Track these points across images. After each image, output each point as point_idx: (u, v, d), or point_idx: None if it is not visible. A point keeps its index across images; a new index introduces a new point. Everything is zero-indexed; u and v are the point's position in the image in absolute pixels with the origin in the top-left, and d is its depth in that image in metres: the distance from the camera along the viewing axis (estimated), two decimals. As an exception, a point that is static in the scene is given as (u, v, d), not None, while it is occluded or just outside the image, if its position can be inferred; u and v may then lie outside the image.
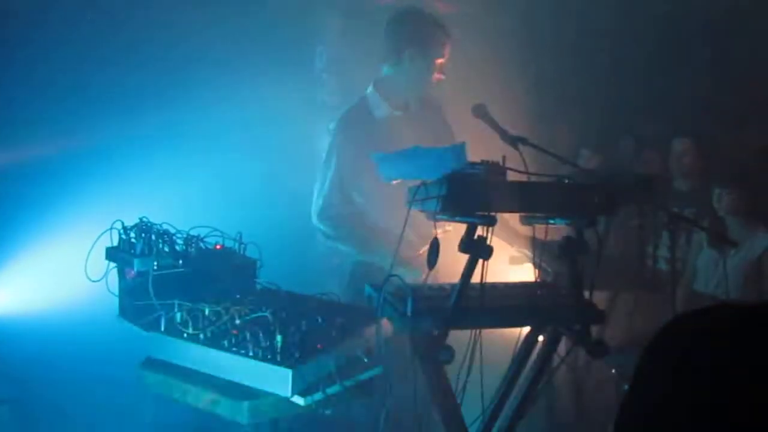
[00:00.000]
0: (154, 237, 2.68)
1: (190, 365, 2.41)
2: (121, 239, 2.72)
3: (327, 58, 5.34)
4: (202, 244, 2.76)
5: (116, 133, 4.33)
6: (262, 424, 2.41)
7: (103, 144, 4.32)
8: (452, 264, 2.21)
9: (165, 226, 2.74)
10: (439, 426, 2.33)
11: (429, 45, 3.25)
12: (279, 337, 2.29)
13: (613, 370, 3.65)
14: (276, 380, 2.21)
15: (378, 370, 2.45)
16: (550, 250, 2.42)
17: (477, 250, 2.14)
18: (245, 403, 2.24)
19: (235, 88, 4.55)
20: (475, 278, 2.18)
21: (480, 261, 2.15)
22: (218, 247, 2.80)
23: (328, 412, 2.48)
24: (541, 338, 2.56)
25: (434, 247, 2.18)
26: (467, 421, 2.38)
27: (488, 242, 2.14)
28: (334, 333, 2.47)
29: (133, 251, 2.62)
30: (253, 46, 4.72)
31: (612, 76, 5.59)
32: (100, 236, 2.73)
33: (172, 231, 2.74)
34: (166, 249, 2.66)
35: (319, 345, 2.35)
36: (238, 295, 2.72)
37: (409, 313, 2.18)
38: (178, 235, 2.74)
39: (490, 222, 2.13)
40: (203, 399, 2.34)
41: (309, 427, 2.78)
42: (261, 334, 2.33)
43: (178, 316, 2.48)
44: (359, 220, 3.33)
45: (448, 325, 2.19)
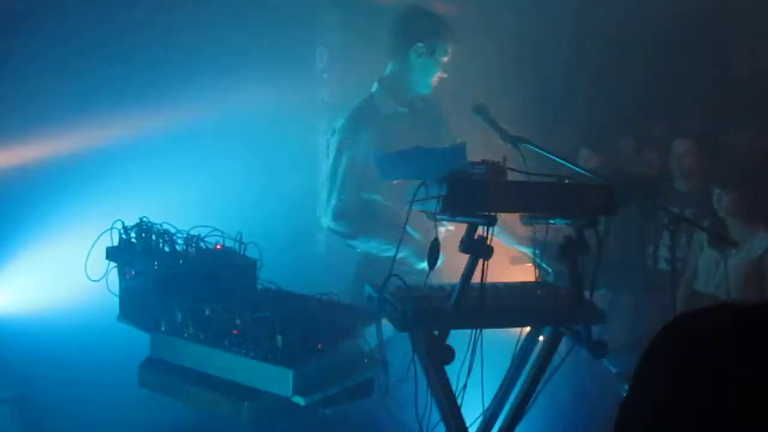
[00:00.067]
0: (154, 237, 2.68)
1: (190, 365, 2.41)
2: (121, 239, 2.72)
3: (327, 58, 5.34)
4: (202, 244, 2.76)
5: (117, 133, 4.32)
6: (262, 424, 2.41)
7: (104, 144, 4.31)
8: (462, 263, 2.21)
9: (165, 226, 2.74)
10: (440, 425, 2.33)
11: (436, 43, 3.27)
12: (279, 337, 2.28)
13: (613, 370, 3.64)
14: (276, 380, 2.21)
15: (378, 370, 2.45)
16: (551, 250, 2.42)
17: (477, 250, 2.15)
18: (245, 403, 2.25)
19: (236, 88, 4.55)
20: (476, 278, 2.18)
21: (480, 261, 2.16)
22: (218, 246, 2.80)
23: (328, 412, 2.48)
24: (541, 338, 2.56)
25: (434, 248, 2.18)
26: (468, 420, 2.38)
27: (488, 242, 2.15)
28: (334, 333, 2.46)
29: (133, 251, 2.62)
30: (253, 46, 4.72)
31: (612, 76, 5.59)
32: (100, 236, 2.73)
33: (173, 231, 2.74)
34: (167, 249, 2.66)
35: (319, 345, 2.35)
36: (238, 295, 2.72)
37: (409, 313, 2.18)
38: (179, 235, 2.73)
39: (491, 222, 2.13)
40: (203, 399, 2.34)
41: (309, 427, 2.78)
42: (261, 334, 2.33)
43: (179, 316, 2.47)
44: (377, 215, 3.26)
45: (449, 326, 2.19)
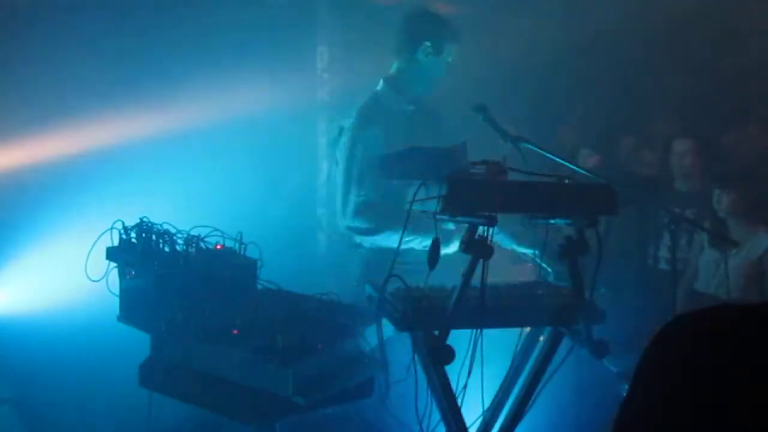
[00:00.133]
0: (154, 237, 2.68)
1: (190, 365, 2.41)
2: (121, 239, 2.72)
3: (327, 58, 5.35)
4: (202, 244, 2.76)
5: (117, 133, 4.33)
6: (262, 424, 2.40)
7: (104, 144, 4.32)
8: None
9: (165, 226, 2.74)
10: (440, 426, 2.33)
11: (443, 43, 3.31)
12: (279, 337, 2.28)
13: (614, 370, 3.64)
14: (276, 380, 2.21)
15: (378, 370, 2.45)
16: (551, 250, 2.42)
17: (478, 250, 2.15)
18: (246, 403, 2.24)
19: (236, 88, 4.55)
20: (476, 278, 2.18)
21: (481, 261, 2.16)
22: (219, 247, 2.80)
23: (328, 412, 2.48)
24: (541, 338, 2.56)
25: (435, 248, 2.18)
26: (468, 420, 2.38)
27: (489, 242, 2.15)
28: (334, 333, 2.46)
29: (133, 251, 2.62)
30: (253, 46, 4.72)
31: (613, 76, 5.59)
32: (100, 236, 2.73)
33: (173, 231, 2.74)
34: (167, 249, 2.66)
35: (319, 345, 2.35)
36: (238, 295, 2.72)
37: (409, 313, 2.18)
38: (179, 235, 2.73)
39: (491, 222, 2.13)
40: (203, 399, 2.34)
41: (309, 427, 2.77)
42: (261, 334, 2.33)
43: (179, 316, 2.47)
44: (401, 206, 3.21)
45: (449, 326, 2.19)
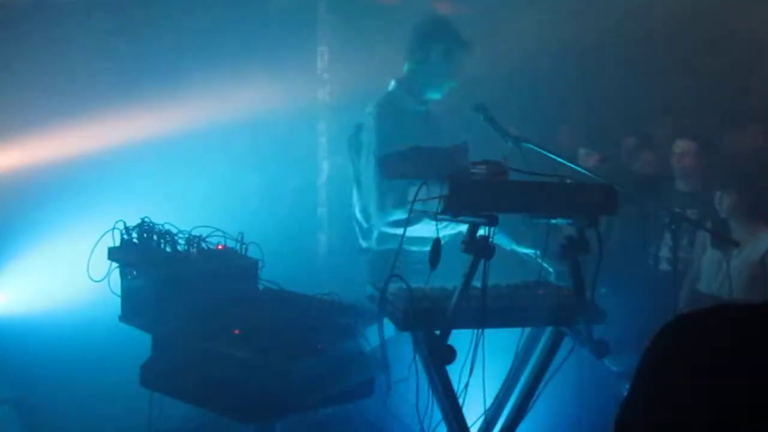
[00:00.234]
0: (156, 237, 2.68)
1: (191, 365, 2.41)
2: (123, 239, 2.72)
3: (327, 58, 5.35)
4: (204, 245, 2.76)
5: (118, 133, 4.33)
6: (262, 424, 2.41)
7: (106, 144, 4.32)
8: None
9: (167, 227, 2.74)
10: (441, 425, 2.33)
11: (454, 48, 3.35)
12: (279, 337, 2.29)
13: (615, 370, 3.64)
14: (276, 380, 2.21)
15: (378, 370, 2.45)
16: (552, 250, 2.43)
17: (479, 250, 2.15)
18: (246, 403, 2.24)
19: (237, 89, 4.55)
20: (477, 278, 2.18)
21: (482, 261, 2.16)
22: (220, 247, 2.80)
23: (328, 412, 2.48)
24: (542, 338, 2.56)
25: (436, 248, 2.18)
26: (469, 420, 2.38)
27: (490, 242, 2.15)
28: (334, 333, 2.47)
29: (135, 251, 2.62)
30: (254, 46, 4.72)
31: (613, 76, 5.59)
32: (102, 236, 2.73)
33: (174, 231, 2.74)
34: (168, 249, 2.66)
35: (319, 345, 2.35)
36: (239, 295, 2.72)
37: (411, 313, 2.18)
38: (180, 236, 2.74)
39: (492, 222, 2.13)
40: (204, 399, 2.34)
41: (309, 427, 2.78)
42: (262, 334, 2.33)
43: (180, 317, 2.48)
44: None
45: (450, 326, 2.19)
